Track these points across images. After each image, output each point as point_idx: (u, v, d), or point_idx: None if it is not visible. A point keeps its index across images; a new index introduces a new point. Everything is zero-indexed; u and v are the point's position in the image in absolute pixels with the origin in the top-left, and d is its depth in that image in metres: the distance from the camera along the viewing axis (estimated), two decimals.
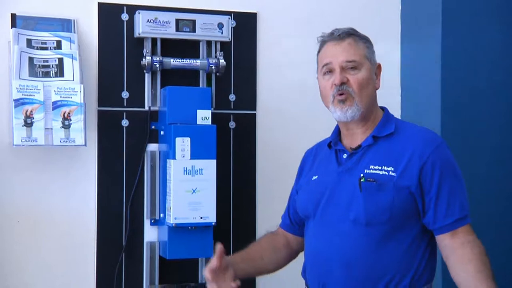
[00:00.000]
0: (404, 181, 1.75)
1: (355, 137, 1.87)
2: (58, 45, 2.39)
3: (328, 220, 1.83)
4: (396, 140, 1.82)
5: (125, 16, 2.51)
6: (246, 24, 2.65)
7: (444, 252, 1.77)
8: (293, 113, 2.71)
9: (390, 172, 1.76)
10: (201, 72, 2.57)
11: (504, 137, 2.68)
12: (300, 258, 2.01)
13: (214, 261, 1.78)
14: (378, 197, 1.75)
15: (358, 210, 1.76)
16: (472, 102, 2.64)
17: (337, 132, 1.94)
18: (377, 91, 1.89)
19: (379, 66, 1.90)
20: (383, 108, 1.92)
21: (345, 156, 1.86)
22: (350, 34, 1.85)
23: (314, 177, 1.92)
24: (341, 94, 1.81)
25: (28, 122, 2.28)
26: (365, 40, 1.87)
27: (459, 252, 1.74)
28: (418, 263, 1.77)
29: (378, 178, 1.76)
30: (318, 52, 1.90)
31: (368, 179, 1.77)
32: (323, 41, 1.88)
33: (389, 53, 2.79)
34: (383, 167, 1.77)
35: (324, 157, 1.94)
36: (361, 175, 1.78)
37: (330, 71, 1.83)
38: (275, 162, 2.69)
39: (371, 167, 1.78)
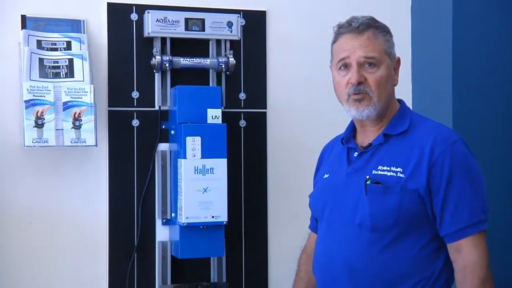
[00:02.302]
0: (412, 183, 1.66)
1: (368, 134, 1.79)
2: (68, 46, 2.39)
3: (334, 223, 1.78)
4: (408, 139, 1.72)
5: (134, 16, 2.51)
6: (255, 22, 2.64)
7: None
8: (304, 111, 2.70)
9: (399, 173, 1.68)
10: (211, 71, 2.56)
11: None
12: None
13: None
14: (384, 200, 1.67)
15: (364, 214, 1.69)
16: (484, 95, 2.61)
17: (352, 127, 1.86)
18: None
19: (398, 60, 1.80)
20: (400, 101, 1.82)
21: (356, 154, 1.79)
22: (370, 26, 1.74)
23: (326, 176, 1.87)
24: (357, 93, 1.72)
25: (39, 123, 2.28)
26: (385, 32, 1.77)
27: (457, 278, 1.67)
28: (431, 271, 1.68)
29: (385, 180, 1.68)
30: (334, 42, 1.79)
31: (375, 181, 1.69)
32: (340, 32, 1.77)
33: (399, 46, 2.74)
34: (392, 167, 1.69)
35: (336, 154, 1.88)
36: (367, 176, 1.70)
37: (346, 66, 1.74)
38: (286, 160, 2.68)
39: (380, 167, 1.71)
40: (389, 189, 1.67)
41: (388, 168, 1.70)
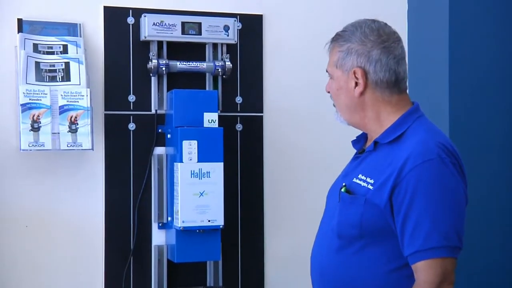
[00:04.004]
0: (376, 197, 1.61)
1: (370, 139, 1.77)
2: (65, 49, 2.39)
3: (321, 223, 1.81)
4: (395, 149, 1.66)
5: (131, 20, 2.51)
6: (252, 26, 2.65)
7: None
8: (300, 115, 2.70)
9: (369, 185, 1.64)
10: (207, 74, 2.56)
11: None
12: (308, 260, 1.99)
13: None
14: (349, 210, 1.65)
15: (334, 221, 1.69)
16: (480, 96, 2.62)
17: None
18: (378, 95, 1.70)
19: (356, 72, 1.69)
20: (413, 103, 1.75)
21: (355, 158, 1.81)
22: (332, 39, 1.77)
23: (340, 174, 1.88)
24: None
25: (35, 127, 2.28)
26: (344, 42, 1.72)
27: None
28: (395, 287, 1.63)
29: (356, 190, 1.66)
30: None
31: (347, 190, 1.67)
32: None
33: None
34: (367, 178, 1.65)
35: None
36: (343, 184, 1.70)
37: None
38: (282, 164, 2.68)
39: (360, 176, 1.68)
40: (355, 200, 1.65)
41: (364, 178, 1.66)
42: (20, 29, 2.38)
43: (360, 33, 1.71)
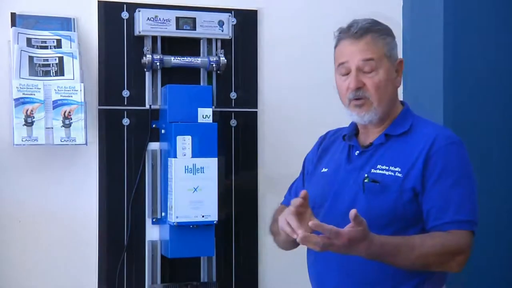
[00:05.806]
0: (409, 181, 1.66)
1: (370, 134, 1.80)
2: (58, 44, 2.38)
3: (332, 219, 1.77)
4: (409, 139, 1.72)
5: (125, 14, 2.50)
6: (246, 22, 2.64)
7: None
8: (295, 111, 2.70)
9: (397, 173, 1.68)
10: (202, 70, 2.56)
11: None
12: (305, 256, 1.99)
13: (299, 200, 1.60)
14: (380, 199, 1.68)
15: (360, 212, 1.66)
16: (475, 94, 2.63)
17: (354, 125, 1.85)
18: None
19: (400, 62, 1.79)
20: (403, 103, 1.83)
21: (357, 153, 1.80)
22: (369, 30, 1.74)
23: (324, 170, 1.87)
24: (357, 99, 1.74)
25: (29, 122, 2.27)
26: (385, 35, 1.76)
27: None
28: (420, 274, 1.66)
29: (383, 179, 1.68)
30: (335, 46, 1.80)
31: (372, 180, 1.69)
32: (340, 37, 1.77)
33: None
34: (391, 167, 1.69)
35: (337, 149, 1.88)
36: (366, 175, 1.71)
37: (346, 71, 1.75)
38: (277, 160, 2.68)
39: (379, 166, 1.71)
40: (387, 188, 1.67)
41: (387, 168, 1.70)
42: (13, 23, 2.37)
43: (390, 28, 1.80)
